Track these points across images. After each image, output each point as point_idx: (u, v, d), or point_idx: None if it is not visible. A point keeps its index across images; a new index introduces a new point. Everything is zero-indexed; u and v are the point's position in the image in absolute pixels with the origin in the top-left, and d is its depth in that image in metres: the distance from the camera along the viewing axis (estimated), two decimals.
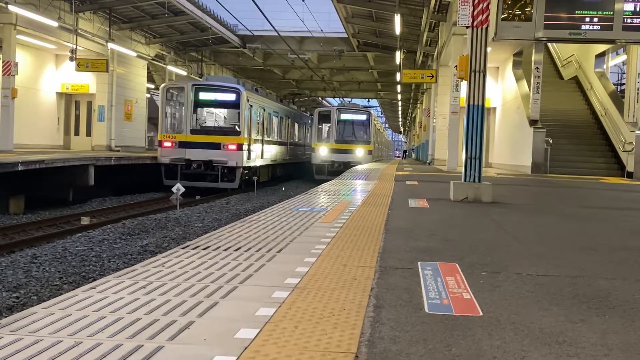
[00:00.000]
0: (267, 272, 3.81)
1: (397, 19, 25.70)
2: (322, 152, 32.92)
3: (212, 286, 3.38)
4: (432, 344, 2.52)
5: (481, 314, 3.00)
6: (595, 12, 18.54)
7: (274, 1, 38.19)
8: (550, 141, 19.92)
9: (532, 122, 20.21)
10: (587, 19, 18.60)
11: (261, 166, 28.30)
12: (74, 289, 3.30)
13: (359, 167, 24.89)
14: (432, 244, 5.16)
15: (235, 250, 4.54)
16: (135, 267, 3.85)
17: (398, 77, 36.22)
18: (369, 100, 63.78)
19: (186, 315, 2.81)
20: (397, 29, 27.02)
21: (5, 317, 7.27)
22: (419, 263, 4.20)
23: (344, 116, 33.93)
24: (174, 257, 4.24)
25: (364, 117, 34.45)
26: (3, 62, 22.26)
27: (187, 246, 4.69)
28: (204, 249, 4.58)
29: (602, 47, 22.91)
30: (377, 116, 78.56)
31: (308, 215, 6.82)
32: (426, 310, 3.04)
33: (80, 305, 2.91)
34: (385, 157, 66.44)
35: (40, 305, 2.89)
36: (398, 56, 32.90)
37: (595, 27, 18.59)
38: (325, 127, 35.24)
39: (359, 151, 32.96)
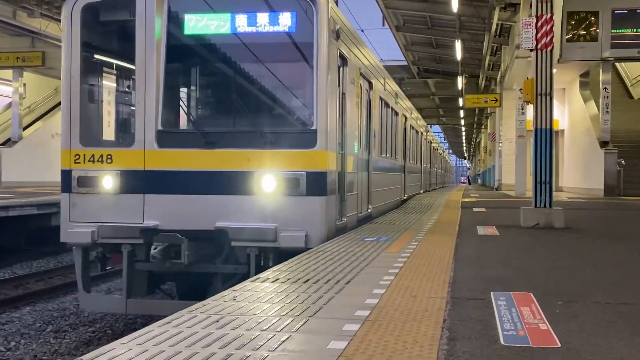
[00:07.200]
0: (336, 304, 3.81)
1: (458, 44, 25.61)
2: (102, 188, 7.44)
3: (283, 319, 3.40)
4: None
5: (559, 345, 2.91)
6: None
7: None
8: (623, 162, 19.28)
9: (603, 144, 19.64)
10: None
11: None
12: (147, 323, 3.38)
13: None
14: (504, 272, 5.04)
15: (304, 282, 4.56)
16: (206, 302, 3.91)
17: (460, 102, 35.90)
18: (431, 127, 54.97)
19: (259, 349, 2.82)
20: (458, 55, 26.89)
21: (83, 352, 7.51)
22: (491, 293, 4.11)
23: (196, 23, 7.54)
24: (244, 290, 4.28)
25: (283, 22, 7.31)
26: None
27: (257, 279, 4.74)
28: (273, 281, 4.61)
29: None
30: (439, 139, 66.98)
31: (374, 245, 6.79)
32: (502, 342, 2.96)
33: (156, 340, 2.97)
34: (441, 184, 42.93)
35: (119, 341, 2.97)
36: (460, 81, 32.67)
37: None
38: (105, 78, 8.46)
39: (268, 181, 7.12)
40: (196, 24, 7.53)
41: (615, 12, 18.28)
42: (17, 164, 24.66)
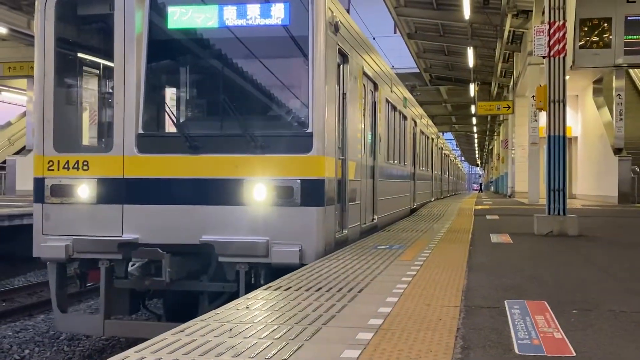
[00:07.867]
0: (349, 312, 3.80)
1: (470, 51, 25.59)
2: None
3: (296, 328, 3.39)
4: None
5: (574, 354, 2.89)
6: None
7: None
8: (638, 169, 19.15)
9: (617, 151, 19.52)
10: None
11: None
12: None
13: None
14: (518, 281, 5.01)
15: (317, 290, 4.55)
16: (219, 310, 3.91)
17: (473, 109, 35.85)
18: (443, 133, 54.81)
19: (271, 358, 2.82)
20: (471, 62, 26.87)
21: None
22: (505, 302, 4.08)
23: (180, 16, 6.89)
24: (257, 299, 4.29)
25: (276, 15, 6.67)
26: None
27: (269, 287, 4.74)
28: (286, 289, 4.61)
29: None
30: (451, 146, 68.52)
31: (387, 253, 6.77)
32: (516, 351, 2.94)
33: (170, 349, 2.98)
34: (453, 192, 43.46)
35: (133, 349, 2.97)
36: (472, 88, 32.63)
37: None
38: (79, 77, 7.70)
39: (258, 190, 6.51)
40: (180, 17, 6.83)
41: (628, 18, 18.18)
42: (31, 173, 24.84)
